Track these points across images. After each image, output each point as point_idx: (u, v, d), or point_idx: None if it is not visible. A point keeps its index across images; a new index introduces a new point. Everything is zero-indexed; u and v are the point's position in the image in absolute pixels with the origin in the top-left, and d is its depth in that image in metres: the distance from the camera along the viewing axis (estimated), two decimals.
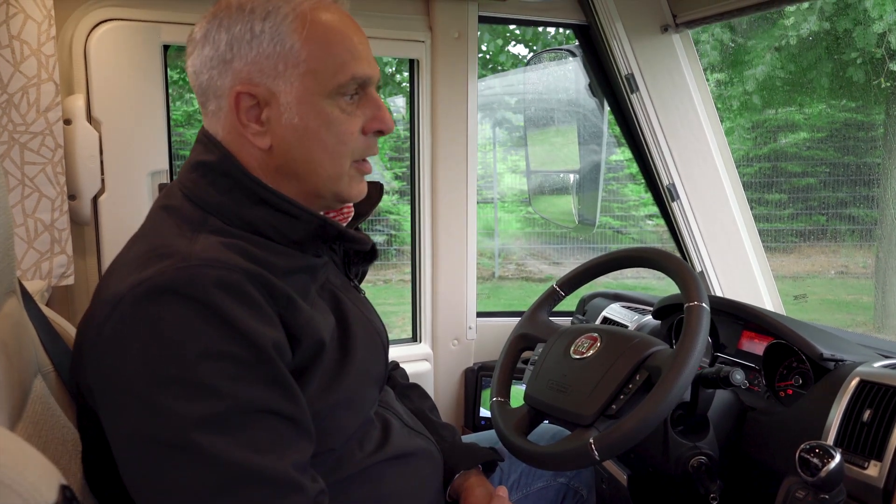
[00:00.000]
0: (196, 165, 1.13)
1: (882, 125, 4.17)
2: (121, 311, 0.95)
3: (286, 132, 1.10)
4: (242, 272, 0.99)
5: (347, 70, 1.10)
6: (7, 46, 1.76)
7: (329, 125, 1.11)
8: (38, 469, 0.82)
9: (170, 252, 1.00)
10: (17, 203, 1.82)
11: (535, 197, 2.83)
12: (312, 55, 1.08)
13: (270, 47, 1.08)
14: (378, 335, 1.27)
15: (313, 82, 1.09)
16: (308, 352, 1.06)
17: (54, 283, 1.89)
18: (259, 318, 0.98)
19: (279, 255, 1.08)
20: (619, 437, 1.26)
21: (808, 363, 1.54)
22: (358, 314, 1.21)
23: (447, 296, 2.51)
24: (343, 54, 1.10)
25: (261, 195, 1.09)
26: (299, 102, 1.09)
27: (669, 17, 2.32)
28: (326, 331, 1.10)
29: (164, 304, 0.94)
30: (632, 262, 1.59)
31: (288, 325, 1.03)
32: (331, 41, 1.10)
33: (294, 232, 1.11)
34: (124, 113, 1.98)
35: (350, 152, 1.13)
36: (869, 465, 1.29)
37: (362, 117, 1.14)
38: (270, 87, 1.09)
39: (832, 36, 4.17)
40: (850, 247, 4.96)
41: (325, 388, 1.09)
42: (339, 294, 1.19)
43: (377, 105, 1.15)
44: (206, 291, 0.95)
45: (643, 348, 1.39)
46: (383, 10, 2.27)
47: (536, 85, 2.75)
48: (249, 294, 0.98)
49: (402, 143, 8.06)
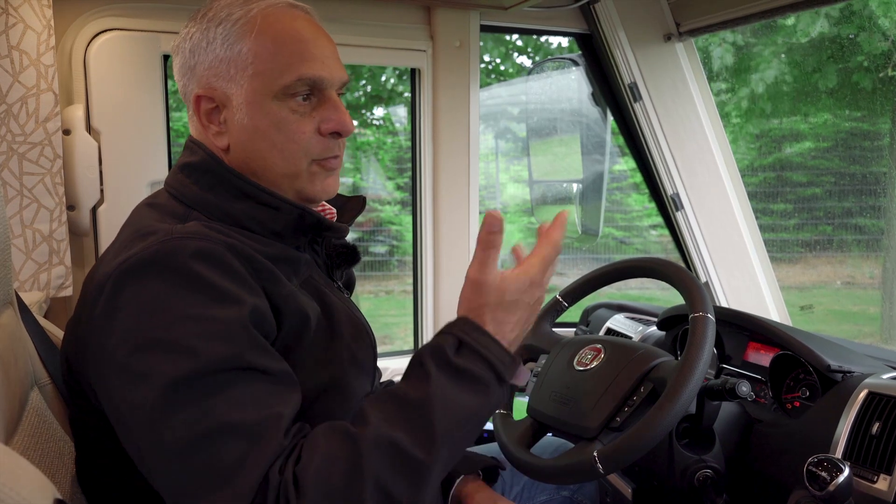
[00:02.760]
0: (181, 167, 1.19)
1: (888, 134, 4.16)
2: (108, 289, 0.99)
3: (239, 132, 1.16)
4: (224, 244, 1.03)
5: (294, 71, 1.13)
6: (6, 56, 1.76)
7: (278, 125, 1.14)
8: (32, 483, 0.81)
9: (151, 231, 1.04)
10: (16, 213, 1.81)
11: (538, 207, 2.81)
12: (259, 57, 1.13)
13: (223, 52, 1.14)
14: (364, 329, 1.28)
15: (261, 84, 1.13)
16: (292, 325, 1.09)
17: (52, 294, 1.88)
18: (240, 284, 1.02)
19: (261, 244, 1.12)
20: (623, 450, 1.24)
21: (816, 375, 1.52)
22: (342, 306, 1.23)
23: (449, 306, 2.49)
24: (289, 56, 1.14)
25: (243, 189, 1.14)
26: (248, 104, 1.14)
27: (672, 25, 2.31)
28: (311, 311, 1.13)
29: (147, 276, 0.98)
30: (636, 273, 1.57)
31: (270, 296, 1.06)
32: (278, 43, 1.14)
33: (275, 223, 1.15)
34: (124, 123, 1.97)
35: (303, 151, 1.16)
36: (878, 479, 1.27)
37: (317, 118, 1.16)
38: (225, 89, 1.15)
39: (837, 44, 4.16)
40: (857, 257, 4.93)
41: (312, 368, 1.11)
42: (322, 289, 1.22)
43: (333, 106, 1.17)
44: (187, 260, 0.99)
45: (648, 360, 1.37)
46: (384, 20, 2.26)
47: (539, 94, 2.74)
48: (230, 263, 1.02)
49: (403, 153, 8.07)
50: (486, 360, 1.03)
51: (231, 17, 1.14)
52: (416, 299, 2.55)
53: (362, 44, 2.22)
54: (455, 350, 1.03)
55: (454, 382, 1.00)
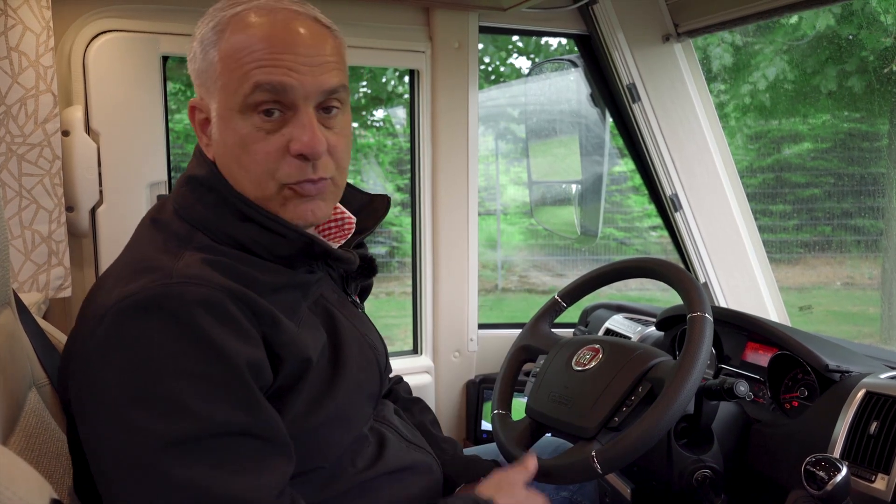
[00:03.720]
0: (187, 179, 1.12)
1: (887, 135, 4.16)
2: (105, 326, 0.96)
3: (217, 147, 1.09)
4: (225, 291, 0.98)
5: (249, 78, 1.01)
6: (5, 58, 1.76)
7: (243, 144, 1.04)
8: (28, 483, 0.81)
9: (154, 267, 1.00)
10: (15, 215, 1.81)
11: (538, 208, 2.81)
12: (225, 67, 1.03)
13: (201, 63, 1.07)
14: (373, 351, 1.24)
15: (227, 96, 1.04)
16: (293, 370, 1.05)
17: (51, 295, 1.88)
18: (238, 336, 0.97)
19: (266, 272, 1.06)
20: (621, 450, 1.24)
21: (814, 374, 1.52)
22: (351, 329, 1.19)
23: (448, 308, 2.49)
24: (249, 62, 1.01)
25: (246, 212, 1.07)
26: (219, 118, 1.07)
27: (671, 26, 2.32)
28: (314, 348, 1.08)
29: (145, 320, 0.94)
30: (634, 273, 1.58)
31: (271, 344, 1.02)
32: (239, 49, 1.02)
33: (280, 249, 1.08)
34: (123, 124, 1.97)
35: (268, 174, 1.05)
36: (876, 479, 1.27)
37: (286, 137, 1.04)
38: (208, 101, 1.09)
39: (836, 44, 4.16)
40: (856, 258, 4.93)
41: (314, 405, 1.08)
42: (332, 310, 1.17)
43: (302, 124, 1.03)
44: (189, 309, 0.95)
45: (646, 360, 1.37)
46: (383, 21, 2.26)
47: (538, 95, 2.74)
48: (230, 312, 0.97)
49: (403, 154, 8.07)
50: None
51: (210, 23, 1.05)
52: (415, 300, 2.55)
53: (361, 45, 2.22)
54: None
55: None
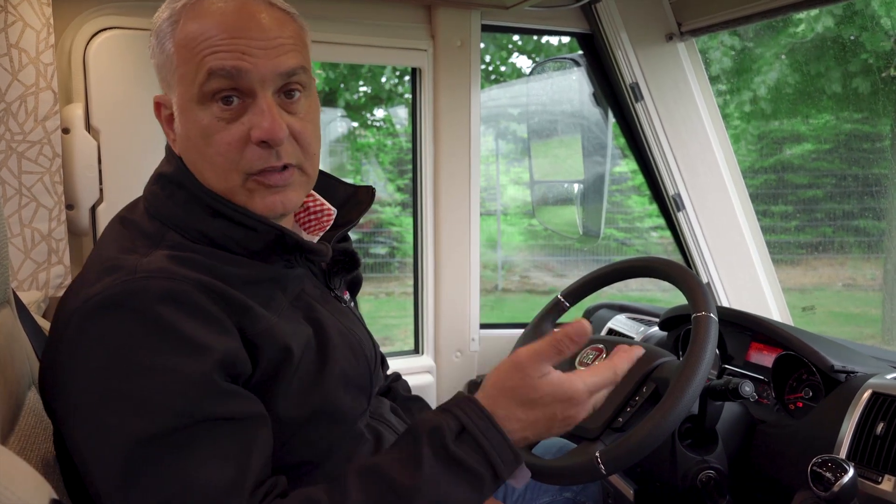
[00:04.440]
0: (157, 177, 1.11)
1: (889, 136, 4.15)
2: (72, 328, 0.95)
3: (181, 141, 1.07)
4: (191, 282, 0.96)
5: (204, 66, 0.98)
6: (5, 55, 1.75)
7: (204, 135, 1.02)
8: (27, 483, 0.80)
9: (118, 265, 0.98)
10: (15, 213, 1.80)
11: (540, 208, 2.80)
12: (181, 57, 1.01)
13: (159, 56, 1.05)
14: (360, 345, 1.21)
15: (184, 88, 1.02)
16: (273, 359, 1.02)
17: (51, 293, 1.87)
18: (209, 327, 0.96)
19: (239, 266, 1.04)
20: (625, 451, 1.23)
21: (819, 375, 1.51)
22: (335, 324, 1.16)
23: (450, 307, 2.48)
24: (202, 49, 0.99)
25: (215, 207, 1.04)
26: (179, 111, 1.04)
27: (674, 25, 2.31)
28: (296, 339, 1.06)
29: (110, 318, 0.93)
30: (638, 273, 1.57)
31: (245, 332, 1.00)
32: (193, 37, 0.99)
33: (252, 243, 1.06)
34: (123, 122, 1.96)
35: (232, 164, 1.03)
36: (883, 480, 1.26)
37: (246, 125, 1.01)
38: (170, 95, 1.06)
39: (839, 45, 4.15)
40: (858, 259, 4.92)
41: (301, 395, 1.06)
42: (315, 305, 1.15)
43: (260, 109, 1.00)
44: (152, 303, 0.93)
45: (650, 360, 1.36)
46: (385, 19, 2.26)
47: (540, 95, 2.73)
48: (198, 304, 0.95)
49: (404, 154, 8.07)
50: (485, 453, 0.95)
51: (164, 14, 1.03)
52: (416, 300, 2.54)
53: (363, 43, 2.21)
54: (455, 435, 0.96)
55: (447, 473, 0.93)
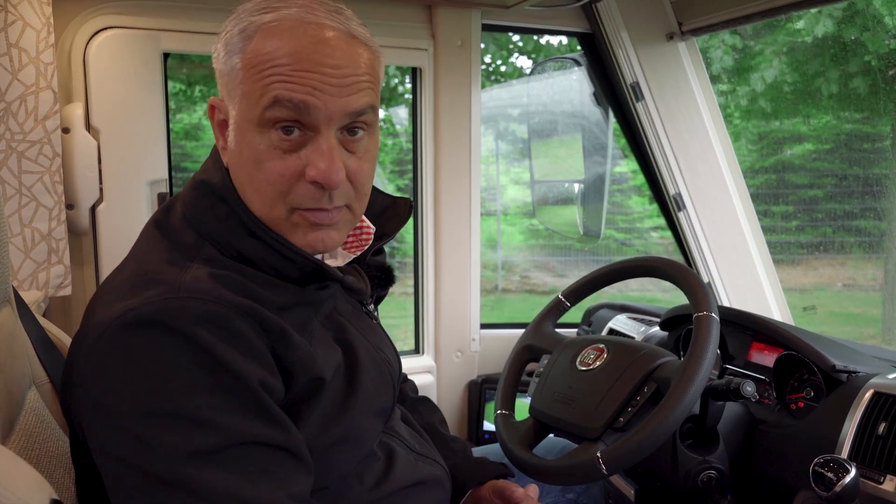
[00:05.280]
0: (200, 184, 1.06)
1: (890, 136, 4.15)
2: (107, 341, 0.92)
3: (232, 155, 1.04)
4: (231, 306, 0.94)
5: (270, 92, 0.96)
6: (5, 54, 1.75)
7: (257, 160, 0.99)
8: (28, 483, 0.80)
9: (158, 280, 0.96)
10: (15, 212, 1.80)
11: (540, 208, 2.80)
12: (247, 75, 0.98)
13: (224, 65, 1.02)
14: (388, 366, 1.20)
15: (246, 106, 0.99)
16: (304, 387, 1.01)
17: (51, 293, 1.87)
18: (246, 353, 0.94)
19: (275, 290, 1.02)
20: (626, 451, 1.23)
21: (820, 375, 1.51)
22: (365, 344, 1.15)
23: (450, 307, 2.48)
24: (271, 74, 0.96)
25: (254, 231, 1.02)
26: (237, 128, 1.01)
27: (675, 24, 2.30)
28: (328, 367, 1.05)
29: (148, 336, 0.91)
30: (639, 272, 1.56)
31: (281, 359, 0.98)
32: (263, 60, 0.97)
33: (288, 271, 1.04)
34: (123, 121, 1.96)
35: (280, 196, 1.00)
36: (885, 480, 1.26)
37: (303, 160, 0.99)
38: (228, 104, 1.03)
39: (839, 45, 4.15)
40: (858, 259, 4.92)
41: (326, 423, 1.05)
42: (346, 324, 1.14)
43: (320, 148, 0.98)
44: (192, 326, 0.91)
45: (651, 359, 1.36)
46: (385, 18, 2.25)
47: (540, 95, 2.73)
48: (237, 329, 0.94)
49: (404, 154, 8.06)
50: None
51: (237, 26, 1.00)
52: (416, 300, 2.54)
53: None
54: None
55: None
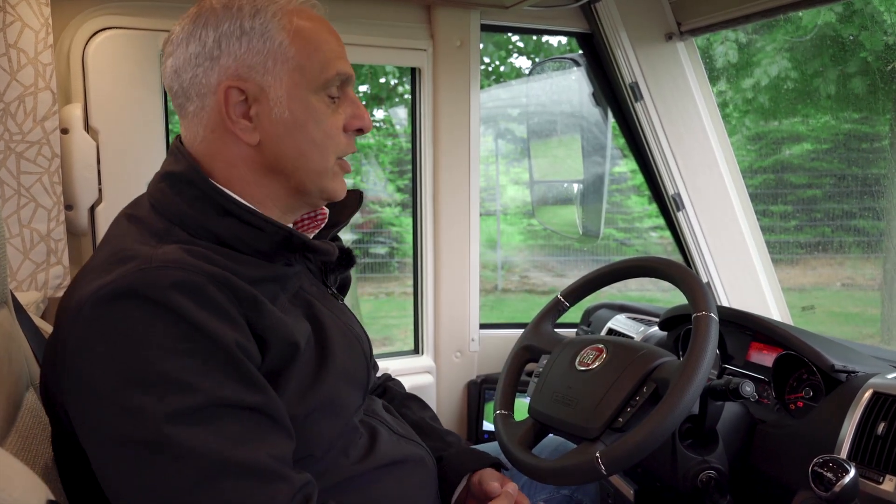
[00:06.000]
0: (164, 176, 1.13)
1: (888, 136, 4.15)
2: (83, 317, 0.95)
3: (276, 127, 1.12)
4: (204, 273, 0.99)
5: (332, 66, 1.14)
6: (4, 55, 1.75)
7: (317, 119, 1.14)
8: (24, 484, 0.80)
9: (131, 255, 1.00)
10: (13, 213, 1.80)
11: (539, 208, 2.80)
12: (301, 51, 1.12)
13: (260, 43, 1.10)
14: (358, 340, 1.26)
15: (301, 77, 1.12)
16: (279, 354, 1.06)
17: (50, 294, 1.87)
18: (221, 318, 0.98)
19: (244, 265, 1.08)
20: (626, 451, 1.23)
21: (819, 375, 1.51)
22: (334, 319, 1.21)
23: (449, 308, 2.48)
24: (327, 52, 1.14)
25: (225, 206, 1.09)
26: (289, 97, 1.11)
27: (674, 24, 2.30)
28: (300, 334, 1.10)
29: (124, 307, 0.95)
30: (638, 272, 1.56)
31: (254, 327, 1.03)
32: (317, 39, 1.14)
33: (259, 243, 1.10)
34: (122, 122, 1.96)
35: (335, 147, 1.16)
36: (884, 480, 1.25)
37: (343, 115, 1.17)
38: (259, 82, 1.10)
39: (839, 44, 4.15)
40: (856, 258, 4.92)
41: (304, 390, 1.09)
42: (313, 301, 1.19)
43: (356, 104, 1.19)
44: (166, 293, 0.95)
45: (650, 359, 1.36)
46: (384, 18, 2.25)
47: (539, 95, 2.73)
48: (210, 295, 0.98)
49: (404, 155, 8.07)
50: None
51: (268, 9, 1.11)
52: (416, 300, 2.54)
53: (362, 43, 2.21)
54: None
55: None
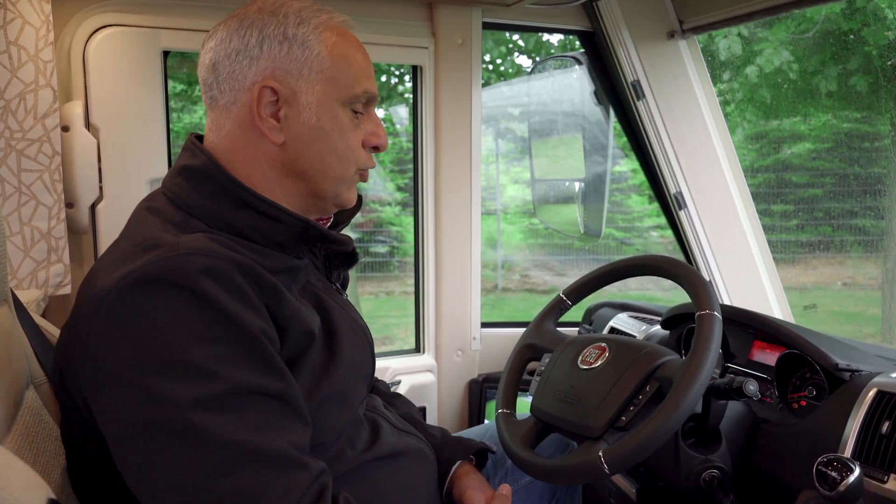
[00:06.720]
0: (181, 170, 1.16)
1: (889, 135, 4.15)
2: (109, 304, 0.96)
3: (302, 130, 1.17)
4: (230, 260, 1.01)
5: (361, 83, 1.21)
6: (4, 52, 1.74)
7: (342, 131, 1.19)
8: (24, 482, 0.80)
9: (157, 244, 1.02)
10: (14, 211, 1.79)
11: (541, 207, 2.79)
12: (335, 65, 1.18)
13: (299, 51, 1.16)
14: (364, 333, 1.32)
15: (333, 89, 1.18)
16: (296, 342, 1.09)
17: (51, 292, 1.86)
18: (246, 305, 1.00)
19: (263, 255, 1.11)
20: (629, 450, 1.22)
21: (823, 374, 1.50)
22: (341, 312, 1.25)
23: (451, 306, 2.48)
24: (358, 70, 1.21)
25: (244, 199, 1.13)
26: (319, 105, 1.17)
27: (676, 22, 2.30)
28: (314, 325, 1.14)
29: (152, 293, 0.96)
30: (641, 271, 1.56)
31: (275, 316, 1.05)
32: (351, 56, 1.21)
33: (277, 235, 1.14)
34: (123, 120, 1.95)
35: (355, 159, 1.22)
36: (889, 479, 1.25)
37: (363, 131, 1.23)
38: (293, 86, 1.15)
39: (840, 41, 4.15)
40: (857, 258, 4.92)
41: (316, 379, 1.12)
42: (321, 294, 1.23)
43: (377, 123, 1.25)
44: (194, 279, 0.97)
45: (653, 358, 1.35)
46: (386, 16, 2.25)
47: (541, 93, 2.72)
48: (236, 282, 1.00)
49: (404, 154, 8.06)
50: None
51: (311, 21, 1.17)
52: (417, 299, 2.53)
53: (364, 41, 2.18)
54: None
55: None
